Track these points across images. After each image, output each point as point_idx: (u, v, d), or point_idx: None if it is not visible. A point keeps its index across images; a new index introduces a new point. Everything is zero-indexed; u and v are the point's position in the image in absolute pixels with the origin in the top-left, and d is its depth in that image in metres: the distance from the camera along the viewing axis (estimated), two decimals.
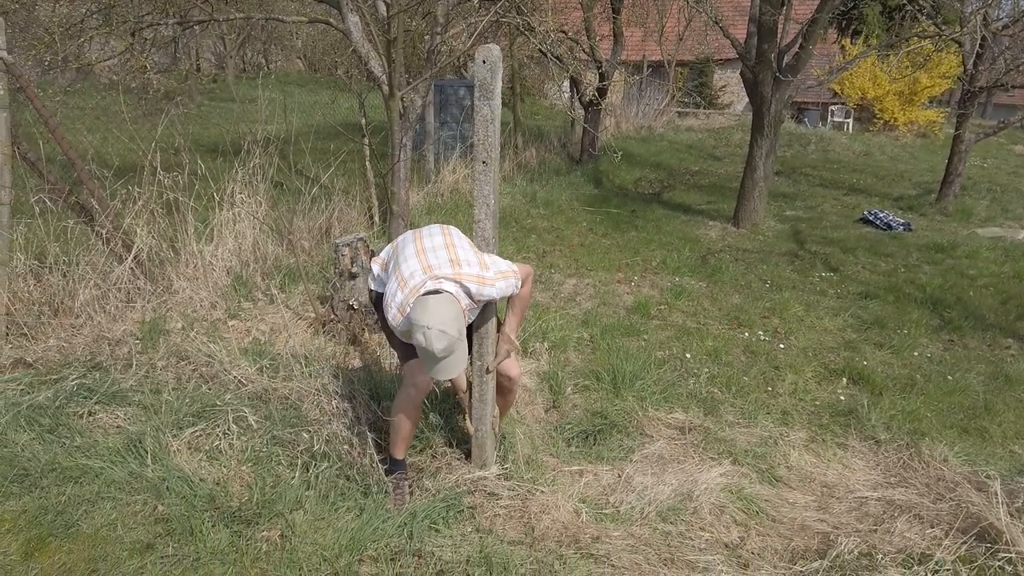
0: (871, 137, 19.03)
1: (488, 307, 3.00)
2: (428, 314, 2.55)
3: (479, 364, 3.10)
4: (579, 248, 7.43)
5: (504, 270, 2.86)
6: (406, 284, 2.75)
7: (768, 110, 8.50)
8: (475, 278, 2.76)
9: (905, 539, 3.05)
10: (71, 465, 3.03)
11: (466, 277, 2.75)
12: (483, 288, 2.77)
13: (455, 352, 2.64)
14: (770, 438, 3.86)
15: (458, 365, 2.69)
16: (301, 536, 2.79)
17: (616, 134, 16.69)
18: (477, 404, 3.16)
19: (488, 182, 2.89)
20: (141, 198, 4.68)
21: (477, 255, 2.85)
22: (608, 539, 2.97)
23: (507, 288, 2.85)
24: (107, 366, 3.78)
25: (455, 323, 2.59)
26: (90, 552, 2.65)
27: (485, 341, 3.06)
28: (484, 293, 2.78)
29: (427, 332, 2.53)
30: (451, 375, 2.71)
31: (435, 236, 2.89)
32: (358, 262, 4.67)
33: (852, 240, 8.40)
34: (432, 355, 2.59)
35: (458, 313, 2.64)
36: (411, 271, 2.76)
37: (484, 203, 2.92)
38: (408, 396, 3.02)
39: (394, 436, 3.11)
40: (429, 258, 2.78)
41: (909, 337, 5.39)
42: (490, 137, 2.85)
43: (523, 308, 3.11)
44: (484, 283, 2.77)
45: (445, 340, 2.54)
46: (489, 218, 2.93)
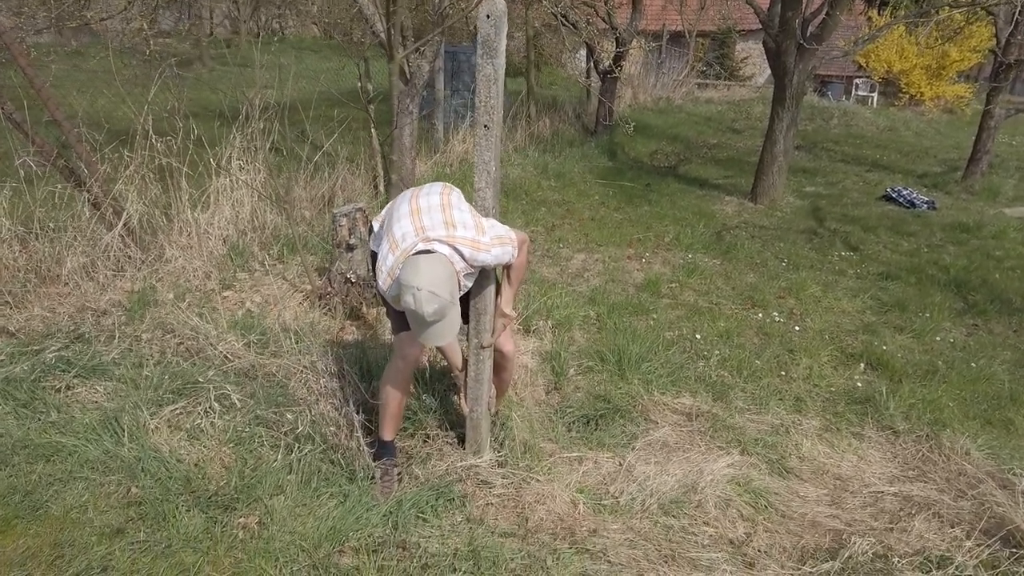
0: (896, 112, 18.53)
1: (486, 278, 2.81)
2: (419, 275, 2.37)
3: (475, 342, 2.92)
4: (589, 222, 7.20)
5: (501, 235, 2.64)
6: (397, 246, 2.56)
7: (790, 81, 8.17)
8: (469, 242, 2.56)
9: (923, 539, 2.87)
10: (44, 442, 2.90)
11: (460, 240, 2.55)
12: (477, 253, 2.57)
13: (447, 316, 2.45)
14: (782, 426, 3.67)
15: (450, 331, 2.50)
16: (280, 523, 2.64)
17: (633, 105, 16.32)
18: (472, 383, 2.98)
19: (489, 147, 2.67)
20: (133, 162, 4.50)
21: (475, 218, 2.64)
22: (606, 532, 2.81)
23: (503, 255, 2.65)
24: (90, 337, 3.63)
25: (447, 285, 2.40)
26: (57, 536, 2.52)
27: (483, 318, 2.87)
28: (478, 259, 2.58)
29: (416, 294, 2.34)
30: (442, 341, 2.52)
31: (432, 196, 2.67)
32: (356, 233, 4.48)
33: (874, 218, 8.11)
34: (422, 319, 2.40)
35: (451, 274, 2.45)
36: (403, 232, 2.57)
37: (485, 170, 2.70)
38: (396, 369, 2.86)
39: (382, 414, 2.95)
40: (423, 219, 2.58)
41: (931, 321, 5.15)
42: (492, 99, 2.63)
43: (519, 279, 2.90)
44: (479, 248, 2.57)
45: (436, 303, 2.36)
46: (490, 186, 2.71)
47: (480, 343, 2.92)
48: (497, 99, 2.63)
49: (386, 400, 2.91)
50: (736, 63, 24.61)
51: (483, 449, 3.08)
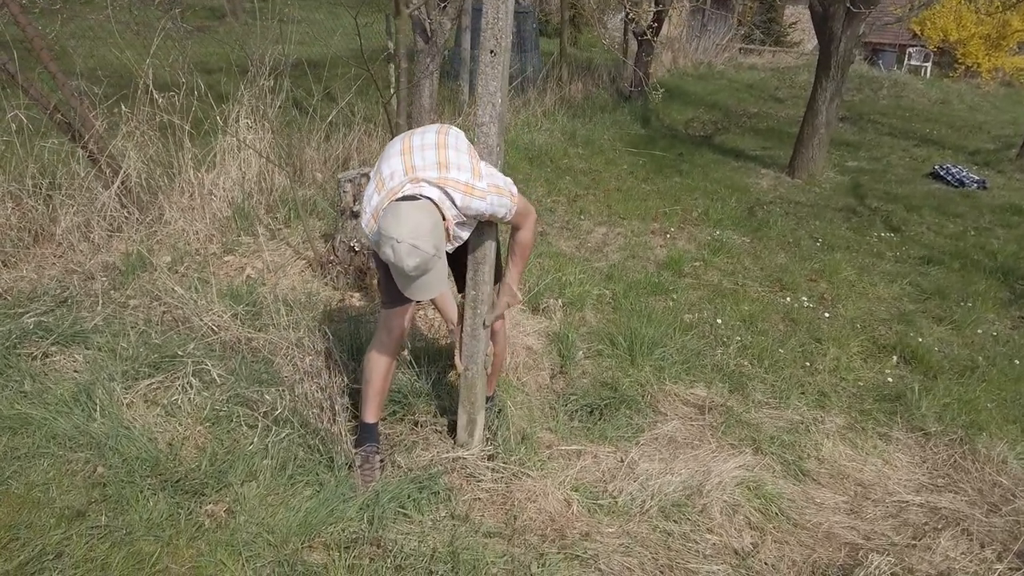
0: (950, 84, 17.67)
1: (488, 228, 2.57)
2: (399, 224, 2.10)
3: (472, 294, 2.68)
4: (615, 193, 6.89)
5: (499, 185, 2.36)
6: (384, 185, 2.31)
7: (836, 49, 7.69)
8: (462, 185, 2.28)
9: (948, 560, 2.61)
10: (12, 414, 2.76)
11: (452, 183, 2.28)
12: (471, 200, 2.30)
13: (431, 270, 2.20)
14: (802, 423, 3.41)
15: (436, 285, 2.25)
16: (249, 513, 2.47)
17: (672, 70, 15.76)
18: (468, 340, 2.76)
19: (495, 76, 2.38)
20: (132, 119, 4.32)
21: (473, 161, 2.36)
22: (599, 537, 2.60)
23: (499, 206, 2.36)
24: (75, 302, 3.49)
25: (430, 237, 2.13)
26: (15, 517, 2.39)
27: (481, 267, 2.63)
28: (471, 206, 2.31)
29: (396, 246, 2.10)
30: (428, 296, 2.29)
31: (428, 134, 2.40)
32: (361, 199, 4.26)
33: (918, 197, 7.66)
34: (403, 272, 2.17)
35: (436, 224, 2.18)
36: (391, 171, 2.31)
37: (489, 102, 2.41)
38: (380, 343, 2.67)
39: (365, 392, 2.75)
40: (415, 158, 2.31)
41: (973, 311, 4.80)
42: (500, 20, 2.32)
43: (524, 256, 2.63)
44: (472, 193, 2.29)
45: (417, 256, 2.11)
46: (495, 121, 2.43)
47: (482, 320, 2.70)
48: (506, 21, 2.33)
49: (369, 377, 2.72)
50: (783, 28, 23.67)
51: (477, 414, 2.86)
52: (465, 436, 2.89)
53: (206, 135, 4.89)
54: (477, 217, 2.41)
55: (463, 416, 2.88)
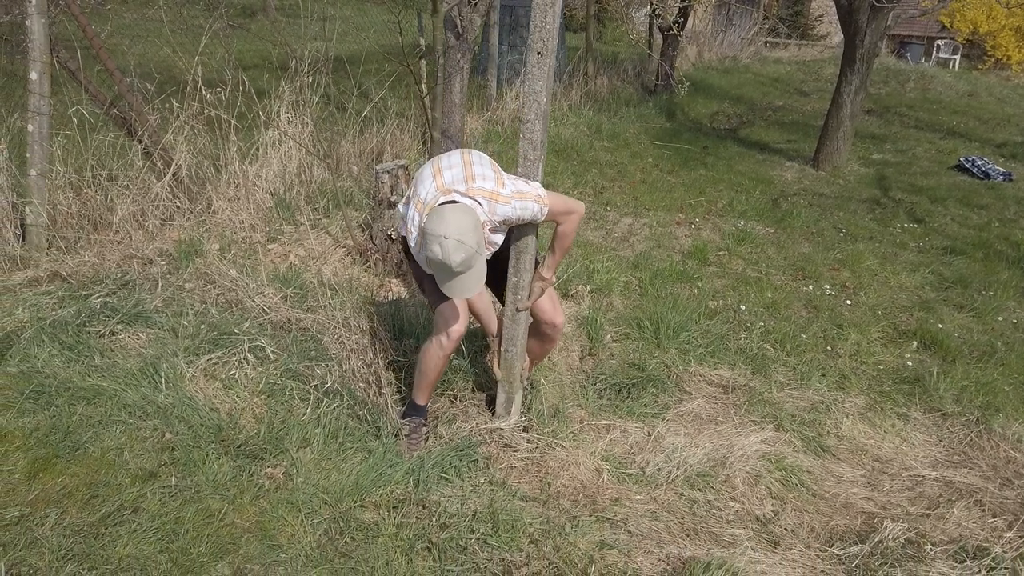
0: (979, 76, 17.50)
1: (526, 235, 2.76)
2: (444, 222, 2.36)
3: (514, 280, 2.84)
4: (640, 185, 7.04)
5: (523, 190, 2.59)
6: (423, 204, 2.57)
7: (862, 41, 7.76)
8: (488, 192, 2.53)
9: (960, 528, 2.76)
10: (86, 385, 3.00)
11: (478, 192, 2.52)
12: (496, 205, 2.53)
13: (473, 267, 2.44)
14: (822, 403, 3.56)
15: (476, 283, 2.50)
16: (305, 476, 2.69)
17: (697, 63, 15.80)
18: (509, 324, 2.92)
19: (541, 76, 2.59)
20: (182, 114, 4.57)
21: (496, 173, 2.61)
22: (628, 502, 2.78)
23: (525, 211, 2.58)
24: (135, 285, 3.73)
25: (474, 234, 2.38)
26: (93, 476, 2.61)
27: (523, 255, 2.80)
28: (497, 211, 2.54)
29: (443, 242, 2.34)
30: (468, 294, 2.52)
31: (453, 156, 2.67)
32: (398, 190, 4.47)
33: (943, 189, 7.71)
34: (448, 269, 2.39)
35: (476, 223, 2.43)
36: (426, 191, 2.58)
37: (535, 100, 2.62)
38: (439, 344, 2.82)
39: (418, 381, 2.95)
40: (444, 177, 2.58)
41: (994, 299, 4.90)
42: (548, 23, 2.54)
43: (563, 247, 2.83)
44: (497, 199, 2.53)
45: (463, 251, 2.35)
46: (539, 119, 2.63)
47: (516, 306, 2.88)
48: (553, 24, 2.54)
49: (424, 371, 2.90)
50: (810, 21, 23.57)
51: (515, 393, 3.04)
52: (503, 412, 3.08)
53: (249, 129, 5.12)
54: (506, 222, 2.62)
55: (502, 395, 3.06)
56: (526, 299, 2.89)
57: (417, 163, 6.18)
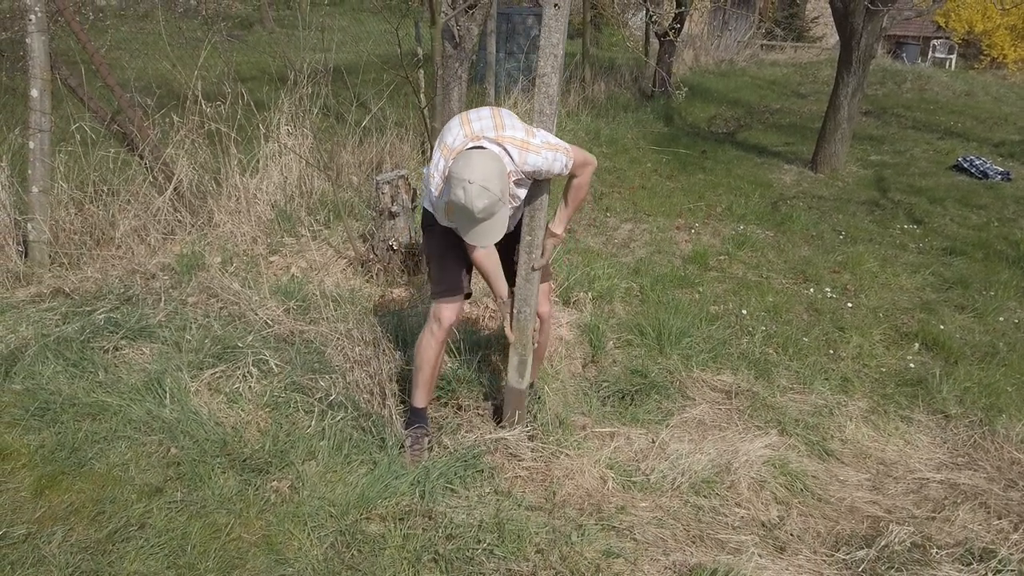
0: (975, 76, 17.54)
1: (540, 193, 2.75)
2: (471, 167, 2.34)
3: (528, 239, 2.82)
4: (640, 191, 7.06)
5: (552, 142, 2.59)
6: (449, 150, 2.55)
7: (857, 44, 7.78)
8: (519, 141, 2.52)
9: (966, 530, 2.76)
10: (91, 401, 3.01)
11: (508, 140, 2.52)
12: (527, 154, 2.53)
13: (496, 214, 2.42)
14: (825, 407, 3.56)
15: (498, 231, 2.48)
16: (310, 489, 2.69)
17: (694, 67, 15.84)
18: (522, 284, 2.89)
19: (558, 29, 2.60)
20: (183, 128, 4.59)
21: (525, 126, 2.61)
22: (634, 510, 2.79)
23: (554, 162, 2.57)
24: (138, 300, 3.74)
25: (498, 181, 2.36)
26: (99, 493, 2.62)
27: (537, 213, 2.79)
28: (528, 160, 2.54)
29: (467, 187, 2.31)
30: (488, 241, 2.50)
31: (482, 110, 2.65)
32: (399, 200, 4.48)
33: (941, 189, 7.73)
34: (470, 215, 2.37)
35: (503, 171, 2.42)
36: (454, 138, 2.56)
37: (552, 54, 2.63)
38: (431, 332, 2.85)
39: (415, 380, 2.96)
40: (474, 126, 2.56)
41: (995, 300, 4.90)
42: None
43: (577, 201, 2.84)
44: (528, 148, 2.53)
45: (486, 197, 2.33)
46: (555, 72, 2.65)
47: (532, 264, 2.86)
48: None
49: (420, 365, 2.92)
50: (806, 23, 23.62)
51: (528, 355, 2.98)
52: (516, 377, 3.00)
53: (249, 142, 5.14)
54: (534, 174, 2.61)
55: (514, 358, 2.98)
56: (539, 259, 2.85)
57: (417, 172, 6.20)
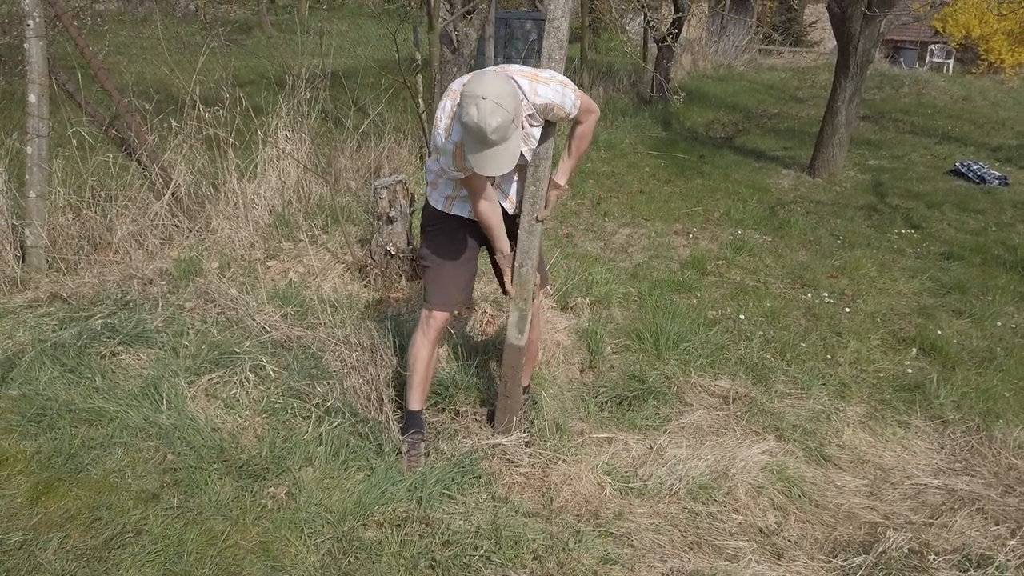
0: (973, 80, 17.60)
1: (547, 134, 2.70)
2: (483, 83, 2.26)
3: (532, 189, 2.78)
4: (638, 195, 7.06)
5: (560, 78, 2.56)
6: (456, 93, 2.47)
7: (855, 49, 7.81)
8: (528, 73, 2.50)
9: (964, 536, 2.76)
10: (88, 407, 3.00)
11: (517, 72, 2.48)
12: (536, 85, 2.49)
13: (508, 139, 2.33)
14: (823, 412, 3.56)
15: (507, 161, 2.37)
16: (307, 495, 2.69)
17: (692, 72, 15.88)
18: (524, 237, 2.84)
19: (560, 4, 2.60)
20: (180, 133, 4.59)
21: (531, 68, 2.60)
22: (631, 516, 2.78)
23: (564, 96, 2.53)
24: (136, 305, 3.74)
25: (512, 99, 2.29)
26: (96, 499, 2.61)
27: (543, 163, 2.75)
28: (540, 91, 2.49)
29: (481, 103, 2.23)
30: (498, 171, 2.39)
31: (485, 67, 2.63)
32: (397, 205, 4.48)
33: (939, 194, 7.74)
34: (483, 135, 2.27)
35: (515, 92, 2.35)
36: (461, 83, 2.51)
37: (556, 29, 2.64)
38: (423, 333, 2.86)
39: (409, 381, 2.95)
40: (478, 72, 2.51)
41: (993, 304, 4.91)
42: None
43: (580, 150, 2.81)
44: (538, 80, 2.49)
45: (499, 115, 2.24)
46: (565, 16, 2.64)
47: (535, 215, 2.81)
48: None
49: (413, 364, 2.91)
50: (803, 27, 23.70)
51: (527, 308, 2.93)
52: (515, 333, 2.96)
53: (247, 146, 5.14)
54: (545, 109, 2.54)
55: (514, 313, 2.94)
56: (543, 210, 2.82)
57: (415, 177, 6.21)
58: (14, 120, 4.48)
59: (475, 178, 2.56)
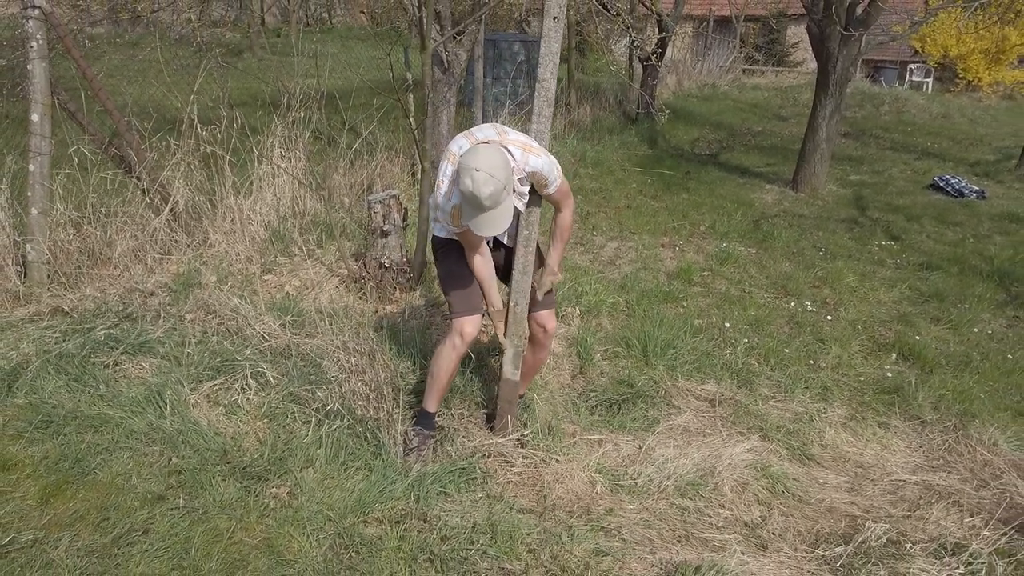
0: (951, 98, 17.99)
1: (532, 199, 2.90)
2: (476, 157, 2.50)
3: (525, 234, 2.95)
4: (625, 210, 7.22)
5: (550, 156, 2.79)
6: (455, 157, 2.71)
7: (834, 68, 8.03)
8: (521, 143, 2.72)
9: (940, 527, 2.88)
10: (93, 414, 3.09)
11: (511, 142, 2.71)
12: (529, 155, 2.71)
13: (501, 203, 2.57)
14: (806, 414, 3.68)
15: (501, 222, 2.61)
16: (309, 494, 2.78)
17: (678, 92, 16.16)
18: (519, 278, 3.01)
19: (556, 39, 2.81)
20: (179, 151, 4.70)
21: (525, 136, 2.80)
22: (622, 512, 2.89)
23: (552, 169, 2.77)
24: (137, 317, 3.83)
25: (504, 170, 2.51)
26: (103, 500, 2.70)
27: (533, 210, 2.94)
28: (530, 161, 2.71)
29: (475, 175, 2.46)
30: (493, 231, 2.63)
31: (484, 126, 2.84)
32: (390, 219, 4.61)
33: (918, 207, 7.94)
34: (477, 202, 2.51)
35: (507, 163, 2.56)
36: (459, 147, 2.74)
37: (551, 61, 2.81)
38: (452, 346, 2.98)
39: (430, 385, 3.08)
40: (477, 136, 2.75)
41: (969, 312, 5.06)
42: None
43: (564, 238, 3.03)
44: (531, 150, 2.72)
45: (492, 185, 2.47)
46: (553, 77, 2.83)
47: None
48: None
49: (437, 373, 3.04)
50: (786, 48, 24.11)
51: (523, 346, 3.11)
52: (511, 369, 3.10)
53: (243, 164, 5.26)
54: (533, 176, 2.77)
55: (510, 350, 3.09)
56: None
57: (407, 193, 6.34)
58: (14, 140, 4.58)
59: (471, 234, 2.78)
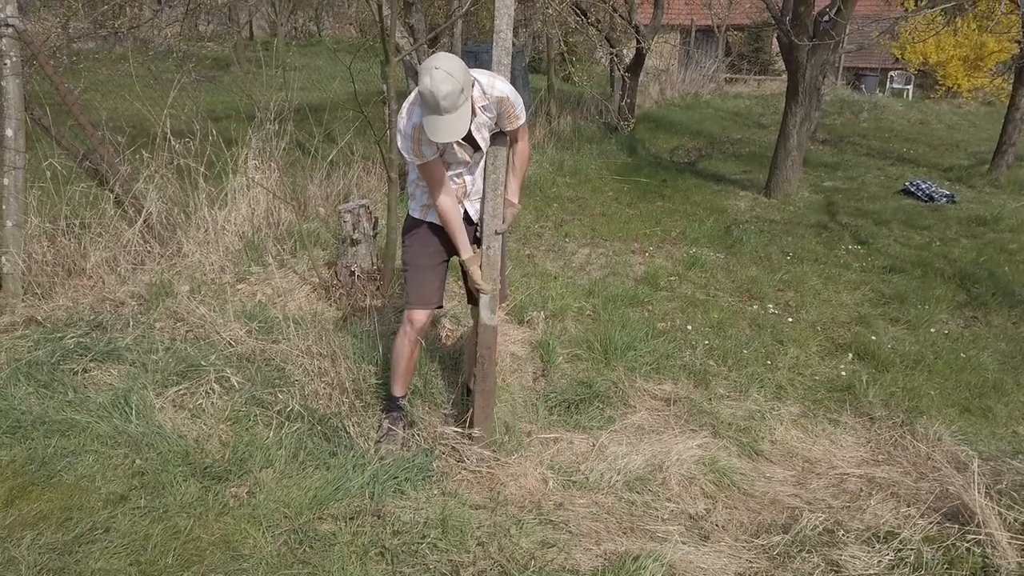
0: (931, 105, 18.21)
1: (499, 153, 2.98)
2: (437, 58, 2.55)
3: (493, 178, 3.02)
4: (599, 218, 7.35)
5: None
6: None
7: (803, 76, 8.20)
8: (485, 74, 2.80)
9: (876, 516, 2.99)
10: (60, 419, 3.19)
11: (477, 71, 2.78)
12: (494, 79, 2.80)
13: (459, 108, 2.58)
14: (759, 412, 3.80)
15: (457, 129, 2.62)
16: (267, 493, 2.88)
17: (660, 101, 16.34)
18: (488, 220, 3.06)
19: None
20: (152, 163, 4.81)
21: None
22: (571, 506, 2.99)
23: (517, 100, 2.84)
24: (108, 325, 3.93)
25: (463, 73, 2.55)
26: (67, 501, 2.79)
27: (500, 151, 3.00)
28: (496, 85, 2.79)
29: (433, 72, 2.50)
30: (450, 137, 2.63)
31: None
32: (360, 228, 4.72)
33: (888, 212, 8.09)
34: (435, 102, 2.52)
35: (466, 69, 2.60)
36: None
37: (506, 12, 2.81)
38: (404, 333, 3.19)
39: (392, 372, 3.29)
40: None
41: (928, 312, 5.19)
42: None
43: (523, 166, 3.15)
44: (496, 77, 2.80)
45: (450, 83, 2.50)
46: (508, 29, 2.84)
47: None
48: None
49: (396, 359, 3.25)
50: (771, 56, 24.37)
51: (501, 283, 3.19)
52: (488, 313, 3.14)
53: (218, 176, 5.37)
54: (500, 103, 2.82)
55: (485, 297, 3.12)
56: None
57: (383, 203, 6.45)
58: None
59: (432, 168, 2.86)
